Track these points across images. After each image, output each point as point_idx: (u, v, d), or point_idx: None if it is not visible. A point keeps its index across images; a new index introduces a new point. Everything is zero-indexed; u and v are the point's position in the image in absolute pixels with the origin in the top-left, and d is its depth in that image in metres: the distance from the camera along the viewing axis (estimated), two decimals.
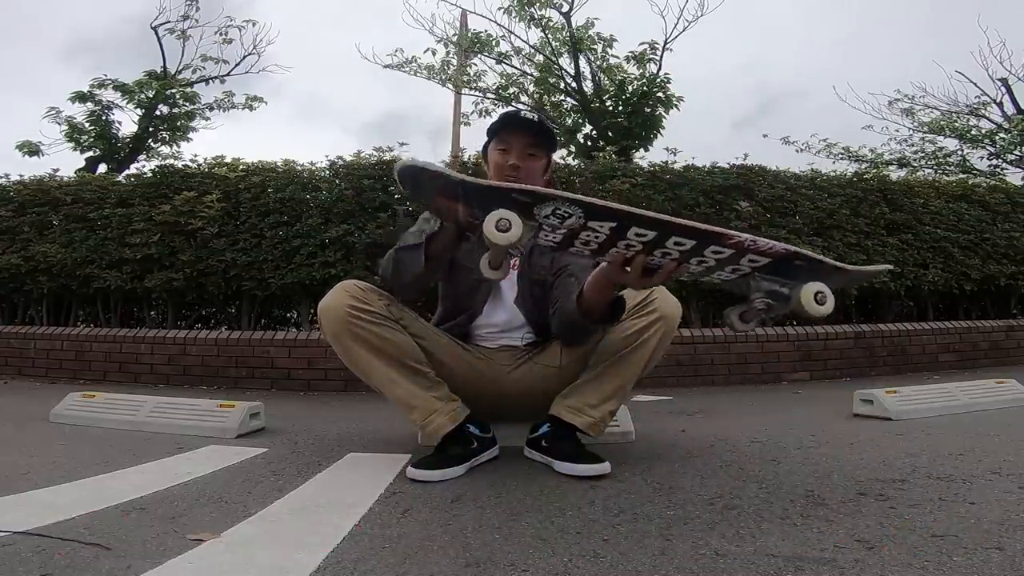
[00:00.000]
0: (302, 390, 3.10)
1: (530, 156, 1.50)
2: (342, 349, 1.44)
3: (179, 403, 2.07)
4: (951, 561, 0.86)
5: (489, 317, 1.59)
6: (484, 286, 1.57)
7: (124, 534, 1.00)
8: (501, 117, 1.53)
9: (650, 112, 5.21)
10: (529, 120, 1.53)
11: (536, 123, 1.52)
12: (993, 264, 4.10)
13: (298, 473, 1.44)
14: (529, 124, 1.51)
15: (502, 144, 1.50)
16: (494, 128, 1.53)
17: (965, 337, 3.86)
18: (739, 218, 3.50)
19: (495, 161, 1.51)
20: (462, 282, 1.55)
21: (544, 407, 1.51)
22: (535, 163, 1.51)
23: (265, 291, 3.37)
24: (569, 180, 3.50)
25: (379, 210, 3.34)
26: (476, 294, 1.57)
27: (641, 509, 1.14)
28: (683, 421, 2.16)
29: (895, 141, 7.89)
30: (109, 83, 5.72)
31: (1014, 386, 2.39)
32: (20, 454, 1.61)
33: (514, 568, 0.87)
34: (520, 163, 1.48)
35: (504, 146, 1.49)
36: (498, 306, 1.59)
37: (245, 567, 0.88)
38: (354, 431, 2.01)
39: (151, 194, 3.57)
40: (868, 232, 3.81)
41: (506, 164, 1.48)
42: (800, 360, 3.41)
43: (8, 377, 3.49)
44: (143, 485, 1.30)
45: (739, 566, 0.86)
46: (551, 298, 1.53)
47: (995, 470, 1.35)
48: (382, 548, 0.96)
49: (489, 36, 5.90)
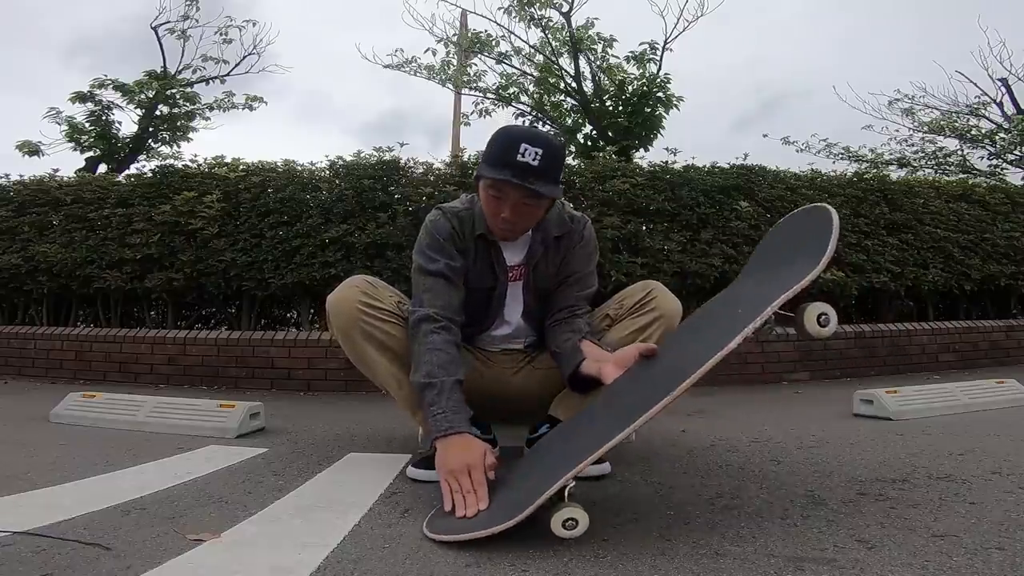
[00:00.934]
0: (302, 390, 3.10)
1: (525, 206, 1.32)
2: (350, 345, 1.42)
3: (179, 403, 2.07)
4: (951, 561, 0.86)
5: (495, 331, 1.57)
6: (493, 307, 1.51)
7: (124, 534, 1.00)
8: (498, 155, 1.28)
9: (650, 112, 5.21)
10: (529, 170, 1.25)
11: (535, 174, 1.25)
12: (993, 264, 4.10)
13: (298, 473, 1.44)
14: (526, 178, 1.25)
15: (495, 191, 1.31)
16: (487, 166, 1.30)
17: (965, 337, 3.86)
18: (739, 218, 3.50)
19: (488, 206, 1.35)
20: (473, 300, 1.48)
21: (544, 408, 1.50)
22: (532, 211, 1.35)
23: (265, 291, 3.36)
24: (569, 180, 3.50)
25: (379, 210, 3.34)
26: (484, 316, 1.52)
27: (641, 509, 1.14)
28: (683, 421, 2.16)
29: (895, 141, 7.89)
30: (109, 83, 5.71)
31: (1014, 386, 2.39)
32: (20, 454, 1.61)
33: (514, 568, 0.87)
34: (514, 217, 1.33)
35: (497, 193, 1.31)
36: (505, 322, 1.55)
37: (245, 567, 0.88)
38: (354, 431, 2.01)
39: (151, 194, 3.57)
40: (868, 232, 3.81)
41: (499, 216, 1.33)
42: (800, 360, 3.41)
43: (8, 377, 3.49)
44: (143, 485, 1.30)
45: (739, 566, 0.86)
46: (551, 305, 1.49)
47: (995, 470, 1.35)
48: (382, 548, 0.96)
49: (489, 36, 5.89)
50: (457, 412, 1.21)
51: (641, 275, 3.13)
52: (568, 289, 1.49)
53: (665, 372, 1.08)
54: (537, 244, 1.46)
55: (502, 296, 1.49)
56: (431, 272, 1.38)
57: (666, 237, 3.38)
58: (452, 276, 1.39)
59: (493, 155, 1.30)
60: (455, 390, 1.24)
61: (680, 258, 3.34)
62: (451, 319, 1.35)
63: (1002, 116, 7.46)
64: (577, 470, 0.96)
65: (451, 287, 1.39)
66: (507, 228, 1.37)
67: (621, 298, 1.53)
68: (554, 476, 0.98)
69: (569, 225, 1.49)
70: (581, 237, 1.49)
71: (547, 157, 1.26)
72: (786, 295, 0.97)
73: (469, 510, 1.05)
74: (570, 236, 1.48)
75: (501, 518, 0.97)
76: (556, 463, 1.06)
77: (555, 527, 0.95)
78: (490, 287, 1.47)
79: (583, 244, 1.50)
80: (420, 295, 1.38)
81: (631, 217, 3.39)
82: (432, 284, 1.38)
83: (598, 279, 1.56)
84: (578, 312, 1.47)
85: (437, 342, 1.29)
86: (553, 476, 0.98)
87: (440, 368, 1.26)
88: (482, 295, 1.47)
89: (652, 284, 1.51)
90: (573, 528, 0.95)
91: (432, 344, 1.29)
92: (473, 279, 1.45)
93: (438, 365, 1.26)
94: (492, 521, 0.98)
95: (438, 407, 1.21)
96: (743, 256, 3.43)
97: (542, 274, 1.49)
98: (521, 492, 1.04)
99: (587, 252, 1.51)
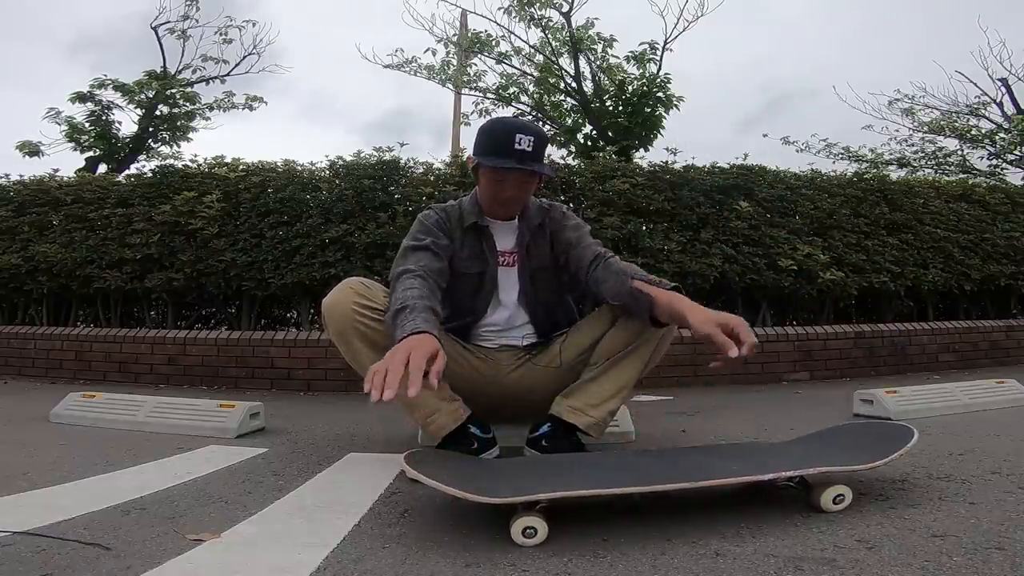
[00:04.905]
0: (302, 390, 3.10)
1: (524, 184, 1.51)
2: (346, 347, 1.43)
3: (179, 403, 2.07)
4: (951, 561, 0.86)
5: (490, 317, 1.59)
6: (485, 290, 1.57)
7: (124, 534, 1.00)
8: (497, 146, 1.45)
9: (650, 112, 5.21)
10: (526, 156, 1.43)
11: (531, 159, 1.43)
12: (993, 264, 4.10)
13: (298, 473, 1.44)
14: (525, 163, 1.43)
15: (497, 177, 1.48)
16: (489, 156, 1.46)
17: (965, 337, 3.85)
18: (739, 218, 3.50)
19: (489, 190, 1.52)
20: (463, 287, 1.55)
21: (544, 407, 1.51)
22: (529, 187, 1.53)
23: (265, 291, 3.36)
24: (569, 180, 3.51)
25: (379, 210, 3.34)
26: (477, 299, 1.57)
27: (641, 509, 1.14)
28: (683, 421, 2.16)
29: (895, 141, 7.89)
30: (109, 83, 5.71)
31: (1014, 386, 2.39)
32: (20, 454, 1.61)
33: (514, 568, 0.87)
34: (516, 193, 1.51)
35: (499, 178, 1.48)
36: (499, 306, 1.59)
37: (245, 567, 0.88)
38: (354, 431, 2.01)
39: (151, 194, 3.57)
40: (868, 232, 3.81)
41: (501, 197, 1.50)
42: (800, 360, 3.41)
43: (8, 377, 3.49)
44: (143, 485, 1.30)
45: (739, 566, 0.86)
46: (592, 280, 1.50)
47: (995, 470, 1.35)
48: (382, 548, 0.96)
49: (489, 36, 5.89)
50: (428, 322, 1.21)
51: None
52: (575, 250, 1.55)
53: (695, 466, 1.18)
54: (524, 231, 1.57)
55: (493, 278, 1.56)
56: (416, 247, 1.47)
57: (666, 237, 3.38)
58: (437, 250, 1.47)
59: (493, 146, 1.46)
60: (428, 311, 1.25)
61: (680, 258, 3.34)
62: (428, 274, 1.39)
63: (1002, 116, 7.46)
64: (571, 495, 0.99)
65: (435, 258, 1.46)
66: (509, 205, 1.53)
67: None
68: (548, 487, 1.00)
69: (546, 211, 1.61)
70: (561, 214, 1.62)
71: (537, 143, 1.45)
72: (834, 468, 1.10)
73: (375, 391, 0.99)
74: (551, 218, 1.60)
75: (475, 491, 0.99)
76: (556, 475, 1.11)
77: (515, 534, 0.96)
78: (480, 271, 1.56)
79: (565, 218, 1.61)
80: (403, 262, 1.44)
81: (631, 217, 3.39)
82: (418, 255, 1.45)
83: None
84: (607, 257, 1.51)
85: (414, 284, 1.34)
86: (547, 486, 1.00)
87: (416, 298, 1.27)
88: (473, 278, 1.56)
89: None
90: (532, 537, 0.96)
91: (408, 286, 1.33)
92: (463, 264, 1.54)
93: (414, 296, 1.28)
94: (464, 487, 1.00)
95: (408, 319, 1.20)
96: (743, 256, 3.43)
97: (536, 255, 1.58)
98: (511, 482, 1.08)
99: (572, 224, 1.61)
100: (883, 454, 1.14)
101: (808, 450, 1.28)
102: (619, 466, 1.18)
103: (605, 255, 1.52)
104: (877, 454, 1.14)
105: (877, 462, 1.12)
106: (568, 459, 1.34)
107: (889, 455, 1.13)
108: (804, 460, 1.15)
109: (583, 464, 1.26)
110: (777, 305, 3.74)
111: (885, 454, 1.14)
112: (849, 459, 1.14)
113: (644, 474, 1.10)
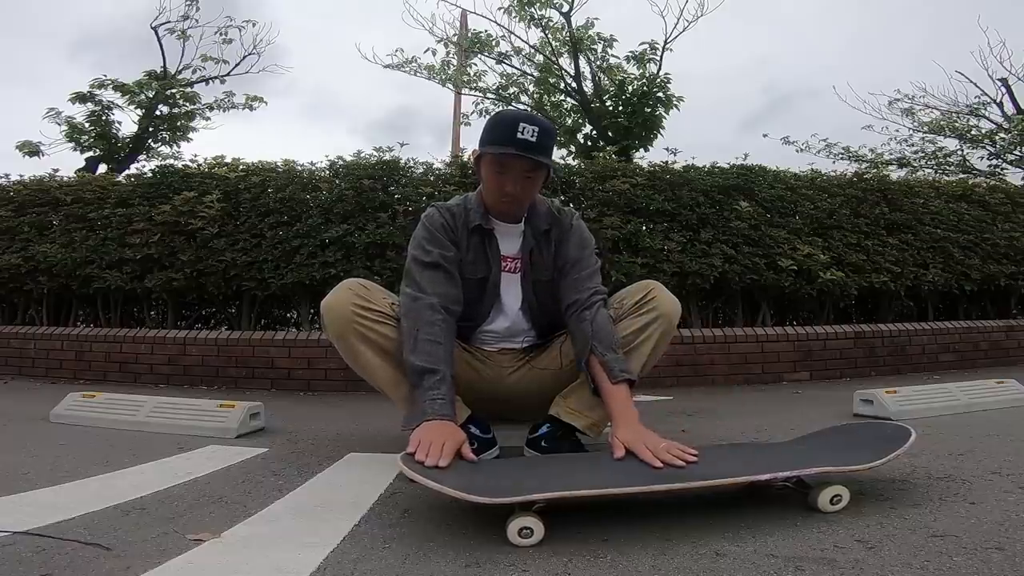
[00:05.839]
0: (302, 390, 3.10)
1: (527, 179, 1.43)
2: (346, 348, 1.43)
3: (179, 403, 2.07)
4: (951, 561, 0.86)
5: (492, 323, 1.58)
6: (488, 297, 1.53)
7: (124, 534, 1.00)
8: (499, 135, 1.39)
9: (650, 112, 5.21)
10: (530, 146, 1.37)
11: (536, 150, 1.38)
12: (993, 264, 4.09)
13: (298, 473, 1.44)
14: (528, 152, 1.37)
15: (498, 167, 1.42)
16: (491, 145, 1.41)
17: (965, 337, 3.85)
18: (739, 218, 3.50)
19: (491, 182, 1.45)
20: (466, 293, 1.50)
21: (544, 407, 1.50)
22: (533, 184, 1.46)
23: (265, 291, 3.36)
24: (569, 180, 3.50)
25: (379, 210, 3.34)
26: (480, 305, 1.54)
27: (641, 509, 1.14)
28: (683, 421, 2.16)
29: (895, 141, 7.89)
30: (109, 83, 5.71)
31: (1014, 386, 2.39)
32: (20, 454, 1.61)
33: (514, 568, 0.87)
34: (517, 189, 1.43)
35: (501, 169, 1.42)
36: (501, 314, 1.57)
37: (245, 567, 0.88)
38: (354, 431, 2.01)
39: (151, 194, 3.56)
40: (868, 232, 3.81)
41: (503, 190, 1.43)
42: (800, 360, 3.41)
43: (8, 377, 3.48)
44: (143, 485, 1.30)
45: (739, 566, 0.86)
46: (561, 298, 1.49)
47: (995, 470, 1.35)
48: (382, 548, 0.96)
49: (489, 36, 5.90)
50: (453, 404, 1.28)
51: (641, 275, 3.12)
52: (568, 277, 1.50)
53: (695, 466, 1.18)
54: (529, 236, 1.52)
55: (496, 285, 1.52)
56: (427, 263, 1.43)
57: (666, 237, 3.38)
58: (447, 266, 1.43)
59: (495, 135, 1.40)
60: (453, 386, 1.31)
61: (680, 258, 3.34)
62: (450, 309, 1.39)
63: (1002, 116, 7.46)
64: (567, 495, 0.99)
65: (449, 278, 1.43)
66: (509, 202, 1.45)
67: (621, 298, 1.54)
68: (545, 487, 1.00)
69: (557, 217, 1.55)
70: (570, 226, 1.55)
71: (542, 135, 1.38)
72: (831, 468, 1.10)
73: (430, 460, 1.10)
74: (559, 227, 1.54)
75: (472, 490, 0.99)
76: (553, 476, 1.11)
77: (511, 534, 0.96)
78: (483, 276, 1.51)
79: (572, 232, 1.54)
80: (418, 281, 1.41)
81: (631, 217, 3.39)
82: (431, 276, 1.41)
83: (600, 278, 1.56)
84: (586, 306, 1.44)
85: (438, 334, 1.33)
86: (544, 487, 1.00)
87: (444, 362, 1.31)
88: (476, 284, 1.51)
89: (652, 284, 1.52)
90: (528, 537, 0.96)
91: (434, 336, 1.33)
92: (467, 269, 1.49)
93: (443, 359, 1.30)
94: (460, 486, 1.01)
95: (439, 393, 1.25)
96: (743, 256, 3.43)
97: (539, 264, 1.53)
98: (508, 482, 1.08)
99: (578, 239, 1.54)
100: (880, 454, 1.14)
101: (806, 450, 1.28)
102: (618, 466, 1.19)
103: (586, 303, 1.44)
104: (875, 454, 1.15)
105: (874, 462, 1.12)
106: (567, 459, 1.34)
107: (886, 455, 1.13)
108: (802, 460, 1.15)
109: (582, 464, 1.26)
110: (777, 305, 3.74)
111: (883, 454, 1.14)
112: (847, 459, 1.14)
113: (643, 474, 1.10)
